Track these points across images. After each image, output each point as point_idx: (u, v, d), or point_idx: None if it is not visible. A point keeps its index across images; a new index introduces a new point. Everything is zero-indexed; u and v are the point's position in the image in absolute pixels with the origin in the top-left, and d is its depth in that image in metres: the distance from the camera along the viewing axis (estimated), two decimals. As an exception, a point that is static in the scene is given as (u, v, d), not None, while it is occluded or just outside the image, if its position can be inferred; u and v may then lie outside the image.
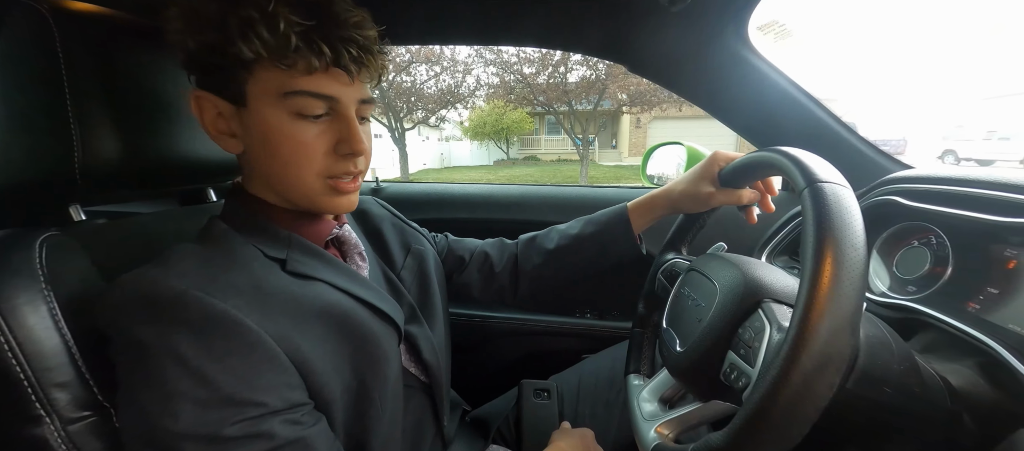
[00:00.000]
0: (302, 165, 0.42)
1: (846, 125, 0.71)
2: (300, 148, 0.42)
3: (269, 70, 0.39)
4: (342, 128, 0.43)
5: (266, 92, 0.40)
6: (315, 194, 0.44)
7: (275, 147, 0.41)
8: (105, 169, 0.46)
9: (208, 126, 0.43)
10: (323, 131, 0.42)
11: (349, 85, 0.42)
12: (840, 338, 0.30)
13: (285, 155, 0.42)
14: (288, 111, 0.41)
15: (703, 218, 0.63)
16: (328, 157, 0.43)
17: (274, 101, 0.40)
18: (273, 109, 0.40)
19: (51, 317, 0.36)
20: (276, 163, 0.42)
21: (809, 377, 0.29)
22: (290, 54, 0.38)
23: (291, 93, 0.40)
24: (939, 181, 0.52)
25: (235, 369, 0.35)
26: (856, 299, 0.30)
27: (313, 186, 0.44)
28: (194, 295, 0.35)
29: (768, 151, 0.44)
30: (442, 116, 11.40)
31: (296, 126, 0.41)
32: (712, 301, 0.45)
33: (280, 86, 0.40)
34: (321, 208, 0.46)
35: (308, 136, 0.42)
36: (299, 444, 0.37)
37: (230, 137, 0.43)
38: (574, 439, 0.60)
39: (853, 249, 0.31)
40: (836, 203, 0.33)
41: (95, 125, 0.44)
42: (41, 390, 0.34)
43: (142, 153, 0.50)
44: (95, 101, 0.44)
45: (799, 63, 25.90)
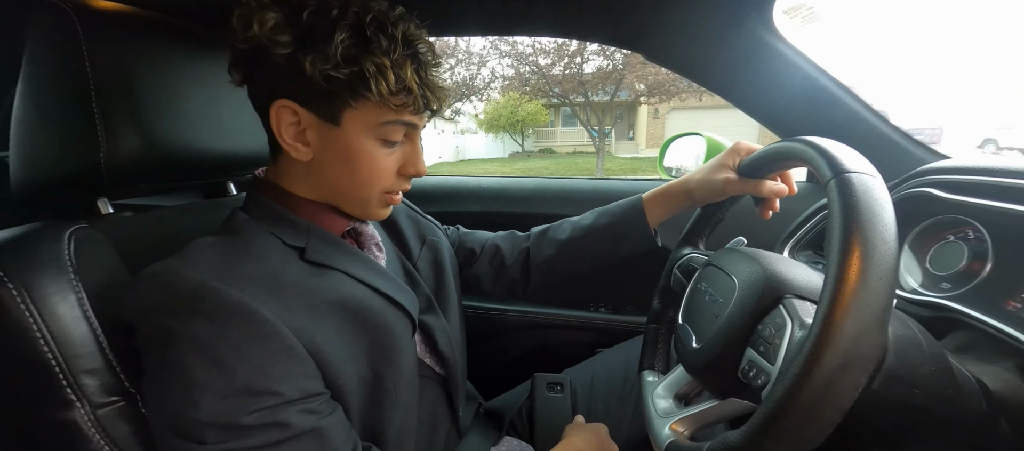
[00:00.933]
0: (375, 183, 0.46)
1: (878, 113, 0.67)
2: (378, 170, 0.45)
3: (377, 105, 0.42)
4: (410, 152, 0.48)
5: (364, 120, 0.43)
6: (372, 206, 0.48)
7: (356, 166, 0.45)
8: (129, 163, 0.48)
9: (282, 133, 0.43)
10: (397, 155, 0.47)
11: (426, 117, 0.48)
12: (867, 337, 0.28)
13: (364, 174, 0.45)
14: (378, 137, 0.44)
15: (722, 212, 0.61)
16: (393, 176, 0.47)
17: (369, 128, 0.43)
18: (365, 134, 0.44)
19: (79, 306, 0.37)
20: (352, 179, 0.45)
21: (832, 377, 0.28)
22: (405, 98, 0.42)
23: (387, 122, 0.44)
24: (978, 172, 0.49)
25: (252, 358, 0.36)
26: (885, 296, 0.28)
27: (374, 199, 0.48)
28: (212, 286, 0.36)
29: (793, 140, 0.42)
30: (457, 109, 11.41)
31: (380, 151, 0.45)
32: (730, 296, 0.44)
33: (379, 117, 0.43)
34: (370, 217, 0.50)
35: (388, 160, 0.46)
36: (314, 434, 0.38)
37: (303, 146, 0.44)
38: (588, 434, 0.60)
39: (883, 243, 0.29)
40: (865, 194, 0.31)
41: (119, 121, 0.46)
42: (71, 376, 0.36)
43: (165, 148, 0.52)
44: (119, 98, 0.46)
45: (827, 48, 24.78)
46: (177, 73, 0.54)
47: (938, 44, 36.05)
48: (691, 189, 0.61)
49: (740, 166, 0.55)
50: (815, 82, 0.65)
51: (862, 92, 0.67)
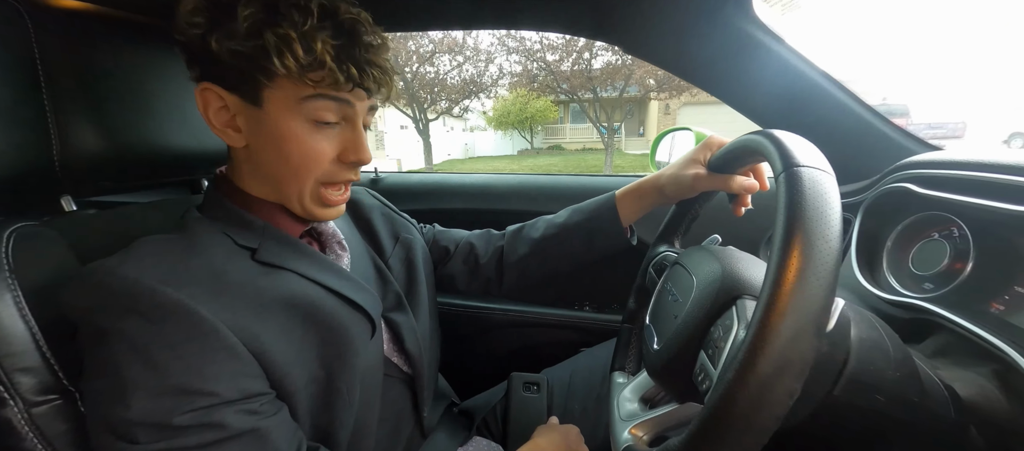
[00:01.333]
0: (310, 170, 0.44)
1: (865, 105, 0.64)
2: (311, 154, 0.43)
3: (295, 81, 0.40)
4: (350, 137, 0.45)
5: (285, 98, 0.41)
6: (307, 200, 0.45)
7: (287, 151, 0.42)
8: (87, 161, 0.48)
9: (212, 119, 0.43)
10: (332, 139, 0.44)
11: (365, 98, 0.44)
12: (802, 341, 0.26)
13: (296, 160, 0.43)
14: (305, 117, 0.42)
15: (695, 208, 0.60)
16: (333, 164, 0.45)
17: (293, 106, 0.41)
18: (290, 114, 0.41)
19: (15, 305, 0.37)
20: (284, 165, 0.43)
21: (765, 383, 0.26)
22: (318, 72, 0.40)
23: (311, 98, 0.41)
24: (960, 166, 0.46)
25: (186, 358, 0.35)
26: (823, 298, 0.27)
27: (305, 190, 0.45)
28: (147, 285, 0.35)
29: (753, 134, 0.40)
30: (466, 106, 11.41)
31: (311, 133, 0.42)
32: (689, 296, 0.42)
33: (299, 93, 0.41)
34: (307, 215, 0.47)
35: (319, 143, 0.43)
36: (253, 435, 0.37)
37: (233, 131, 0.43)
38: (554, 436, 0.59)
39: (824, 241, 0.27)
40: (812, 189, 0.30)
41: (72, 118, 0.46)
42: (4, 374, 0.36)
43: (128, 145, 0.52)
44: (71, 94, 0.46)
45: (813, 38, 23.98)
46: (142, 70, 0.54)
47: (966, 36, 34.65)
48: (662, 185, 0.59)
49: (710, 161, 0.53)
50: (798, 73, 0.63)
51: (852, 86, 0.64)
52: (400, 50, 9.62)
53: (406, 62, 9.87)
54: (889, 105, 10.88)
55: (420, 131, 11.11)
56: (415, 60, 9.96)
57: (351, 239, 0.56)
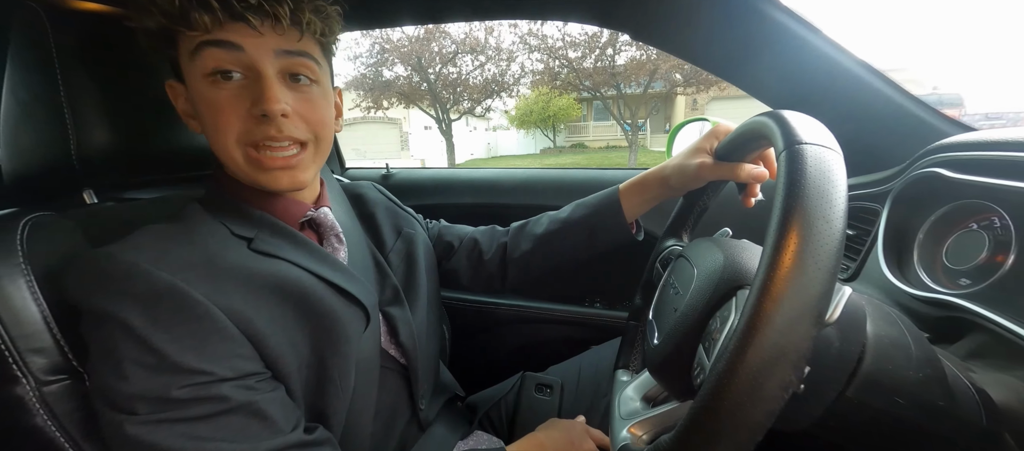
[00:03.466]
0: (221, 130, 0.41)
1: (899, 88, 0.59)
2: (217, 111, 0.41)
3: (183, 37, 0.40)
4: (255, 87, 0.41)
5: (185, 60, 0.41)
6: (240, 166, 0.43)
7: (201, 114, 0.42)
8: (102, 156, 0.50)
9: (180, 112, 0.46)
10: (238, 93, 0.41)
11: (258, 37, 0.40)
12: (798, 329, 0.24)
13: (208, 121, 0.42)
14: (202, 75, 0.40)
15: (704, 200, 0.57)
16: (245, 121, 0.41)
17: (190, 67, 0.41)
18: (193, 77, 0.41)
19: (28, 289, 0.39)
20: (208, 132, 0.43)
21: (757, 374, 0.24)
22: (179, 16, 0.38)
23: (195, 49, 0.40)
24: (997, 146, 0.41)
25: (182, 338, 0.36)
26: (823, 283, 0.24)
27: (235, 156, 0.42)
28: (143, 268, 0.36)
29: (757, 116, 0.38)
30: (488, 106, 11.46)
31: (211, 89, 0.40)
32: (689, 288, 0.40)
33: (188, 48, 0.40)
34: (255, 184, 0.44)
35: (221, 97, 0.40)
36: (251, 407, 0.38)
37: (192, 119, 0.45)
38: (555, 433, 0.57)
39: (825, 222, 0.25)
40: (815, 167, 0.27)
41: (88, 115, 0.48)
42: (17, 354, 0.38)
43: (139, 141, 0.54)
44: (87, 93, 0.48)
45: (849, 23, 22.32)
46: (154, 70, 0.56)
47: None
48: (667, 176, 0.57)
49: (716, 150, 0.50)
50: (821, 55, 0.58)
51: (897, 75, 0.59)
52: (423, 52, 9.77)
53: (429, 63, 10.01)
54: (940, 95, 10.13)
55: (443, 131, 11.24)
56: (438, 61, 10.09)
57: (352, 232, 0.57)
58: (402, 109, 11.77)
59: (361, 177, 1.15)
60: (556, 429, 0.58)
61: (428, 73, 10.08)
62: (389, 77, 10.25)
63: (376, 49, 9.82)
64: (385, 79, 10.23)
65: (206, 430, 0.36)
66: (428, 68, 10.03)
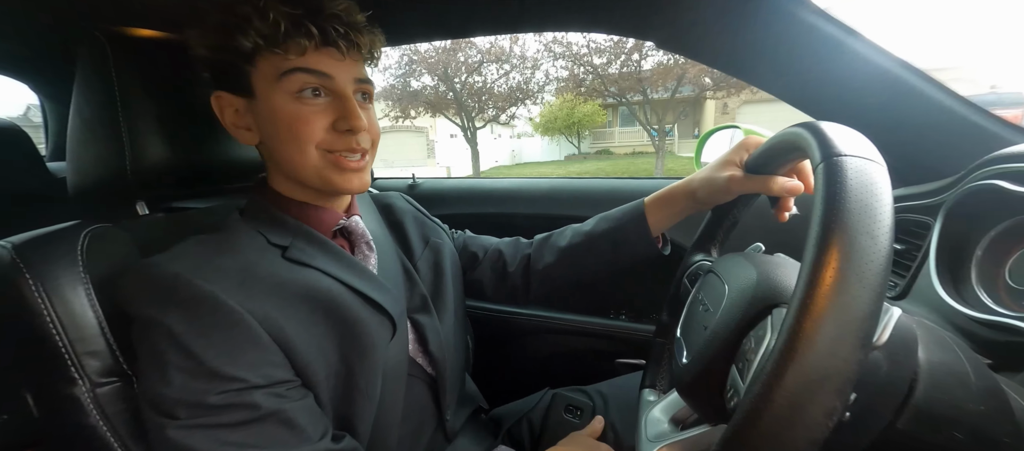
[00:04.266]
0: (303, 140, 0.45)
1: (950, 91, 0.55)
2: (300, 124, 0.45)
3: (267, 58, 0.44)
4: (341, 106, 0.46)
5: (267, 78, 0.44)
6: (319, 168, 0.46)
7: (280, 127, 0.45)
8: (154, 170, 0.54)
9: (227, 124, 0.48)
10: (322, 110, 0.45)
11: (342, 61, 0.45)
12: (841, 351, 0.23)
13: (288, 133, 0.45)
14: (288, 92, 0.44)
15: (733, 214, 0.54)
16: (328, 133, 0.46)
17: (275, 84, 0.44)
18: (275, 93, 0.44)
19: (86, 296, 0.43)
20: (281, 143, 0.46)
21: (797, 399, 0.23)
22: (282, 39, 0.42)
23: (287, 72, 0.43)
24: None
25: (218, 345, 0.38)
26: (868, 302, 0.23)
27: (316, 160, 0.46)
28: (185, 278, 0.39)
29: (792, 126, 0.36)
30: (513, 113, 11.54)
31: (297, 105, 0.44)
32: (720, 306, 0.38)
33: (277, 68, 0.44)
34: (329, 185, 0.47)
35: (308, 113, 0.45)
36: (280, 415, 0.40)
37: (246, 130, 0.48)
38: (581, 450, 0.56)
39: (869, 237, 0.24)
40: (857, 180, 0.26)
41: (142, 132, 0.52)
42: (75, 356, 0.41)
43: (189, 156, 0.57)
44: (143, 112, 0.52)
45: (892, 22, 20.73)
46: (193, 88, 0.60)
47: (1101, 6, 28.46)
48: (694, 189, 0.55)
49: (747, 162, 0.48)
50: (859, 58, 0.55)
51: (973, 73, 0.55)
52: (450, 62, 9.97)
53: (455, 73, 10.20)
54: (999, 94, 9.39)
55: (468, 139, 11.40)
56: (463, 70, 10.26)
57: (382, 241, 0.58)
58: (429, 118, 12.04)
59: (388, 187, 1.18)
60: (580, 447, 0.57)
61: (454, 83, 10.27)
62: (417, 87, 10.51)
63: (404, 61, 10.11)
64: (413, 89, 10.50)
65: (237, 437, 0.38)
66: (454, 78, 10.22)
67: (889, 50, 0.56)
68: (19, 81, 1.12)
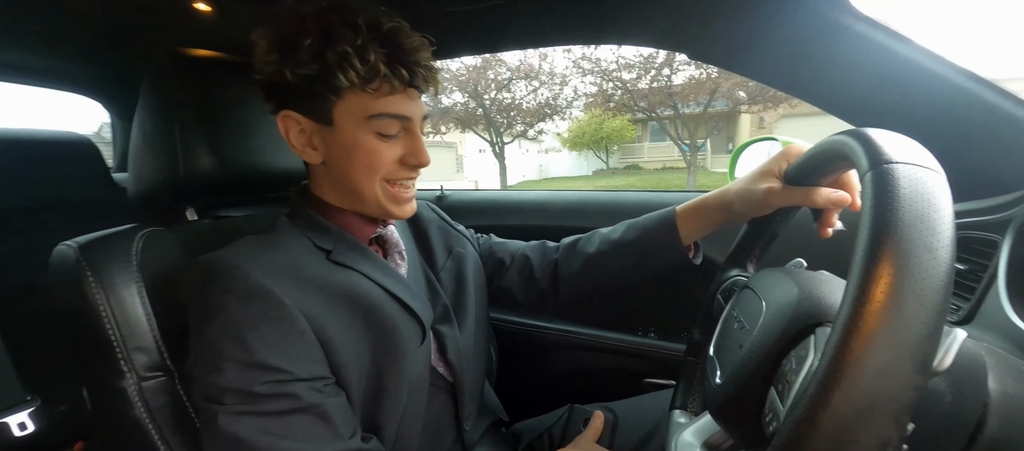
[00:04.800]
0: (374, 169, 0.48)
1: (1014, 97, 0.51)
2: (376, 160, 0.48)
3: (357, 95, 0.45)
4: (410, 143, 0.49)
5: (353, 114, 0.46)
6: (380, 198, 0.50)
7: (356, 157, 0.48)
8: (203, 179, 0.58)
9: (292, 141, 0.49)
10: (395, 146, 0.49)
11: (415, 102, 0.49)
12: (896, 376, 0.21)
13: (364, 166, 0.48)
14: (371, 131, 0.47)
15: (772, 228, 0.52)
16: (395, 165, 0.49)
17: (360, 123, 0.46)
18: (359, 129, 0.46)
19: (139, 294, 0.46)
20: (354, 172, 0.48)
21: (846, 425, 0.21)
22: (378, 81, 0.45)
23: (375, 116, 0.46)
24: None
25: (267, 336, 0.40)
26: (927, 322, 0.21)
27: (378, 191, 0.49)
28: (243, 269, 0.42)
29: (837, 134, 0.34)
30: (540, 129, 11.63)
31: (377, 144, 0.47)
32: (757, 323, 0.36)
33: (366, 110, 0.46)
34: (383, 213, 0.51)
35: (383, 148, 0.48)
36: (318, 409, 0.41)
37: (312, 150, 0.49)
38: None
39: (927, 251, 0.22)
40: (910, 189, 0.24)
41: (195, 145, 0.55)
42: (126, 351, 0.44)
43: (234, 166, 0.61)
44: (196, 127, 0.56)
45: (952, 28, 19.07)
46: (247, 105, 0.64)
47: None
48: (729, 201, 0.53)
49: (786, 172, 0.46)
50: (910, 65, 0.52)
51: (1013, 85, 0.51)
52: (479, 79, 10.21)
53: (485, 90, 10.42)
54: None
55: (496, 154, 11.55)
56: (493, 88, 10.47)
57: (409, 250, 0.59)
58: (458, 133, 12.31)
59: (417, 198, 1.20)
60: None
61: (483, 99, 10.48)
62: (447, 104, 10.81)
63: (436, 78, 10.45)
64: (443, 106, 10.80)
65: (278, 427, 0.40)
66: (483, 94, 10.44)
67: (945, 56, 0.52)
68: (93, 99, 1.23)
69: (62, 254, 0.46)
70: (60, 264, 0.45)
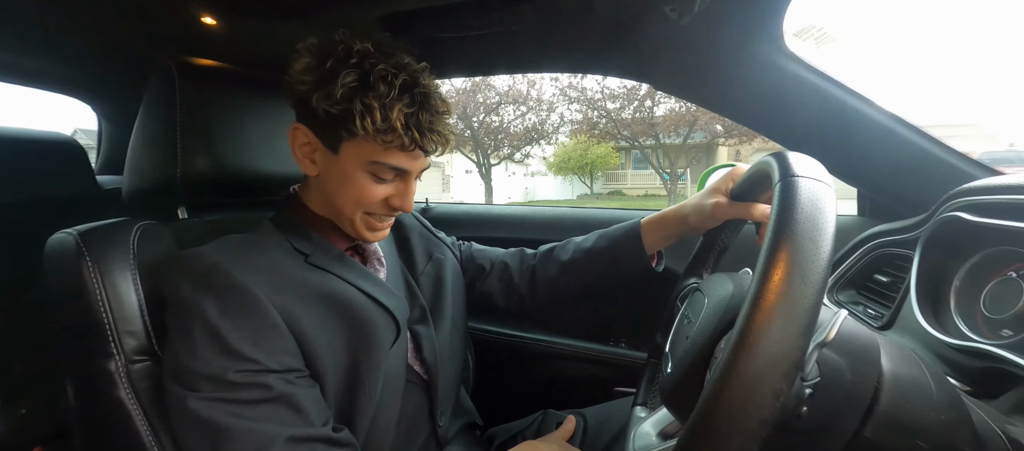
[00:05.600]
0: (360, 206, 0.52)
1: (923, 133, 0.59)
2: (364, 196, 0.51)
3: (369, 141, 0.47)
4: (401, 189, 0.52)
5: (358, 155, 0.49)
6: (355, 223, 0.53)
7: (347, 190, 0.51)
8: (199, 180, 0.61)
9: (297, 151, 0.52)
10: (386, 188, 0.52)
11: (419, 160, 0.51)
12: (786, 338, 0.26)
13: (351, 198, 0.51)
14: (368, 172, 0.50)
15: (722, 239, 0.58)
16: (378, 204, 0.52)
17: (362, 163, 0.49)
18: (358, 167, 0.49)
19: (132, 281, 0.48)
20: (342, 199, 0.52)
21: (750, 382, 0.26)
22: (391, 134, 0.46)
23: (377, 163, 0.49)
24: (1017, 190, 0.41)
25: (243, 329, 0.43)
26: (810, 298, 0.26)
27: (354, 218, 0.53)
28: (223, 268, 0.44)
29: (761, 158, 0.40)
30: (527, 152, 11.86)
31: (369, 184, 0.50)
32: (699, 317, 0.41)
33: (370, 156, 0.48)
34: (356, 235, 0.55)
35: (375, 192, 0.51)
36: (289, 399, 0.44)
37: (311, 163, 0.52)
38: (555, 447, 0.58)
39: (812, 243, 0.27)
40: (806, 197, 0.30)
41: (194, 148, 0.59)
42: (117, 334, 0.46)
43: (230, 170, 0.64)
44: (196, 131, 0.59)
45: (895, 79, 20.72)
46: (245, 112, 0.67)
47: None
48: (685, 214, 0.60)
49: (732, 190, 0.53)
50: (838, 102, 0.60)
51: (996, 129, 0.60)
52: (469, 102, 10.42)
53: (474, 112, 10.62)
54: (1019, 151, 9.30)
55: (483, 176, 11.68)
56: (482, 110, 10.69)
57: (389, 255, 0.63)
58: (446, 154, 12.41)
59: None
60: (553, 445, 0.59)
61: (472, 121, 10.67)
62: (436, 124, 10.96)
63: (426, 99, 10.61)
64: (432, 126, 10.94)
65: (250, 412, 0.42)
66: (472, 116, 10.64)
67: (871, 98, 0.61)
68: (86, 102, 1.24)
69: (61, 240, 0.48)
70: (58, 250, 0.48)
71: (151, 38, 0.73)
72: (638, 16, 0.60)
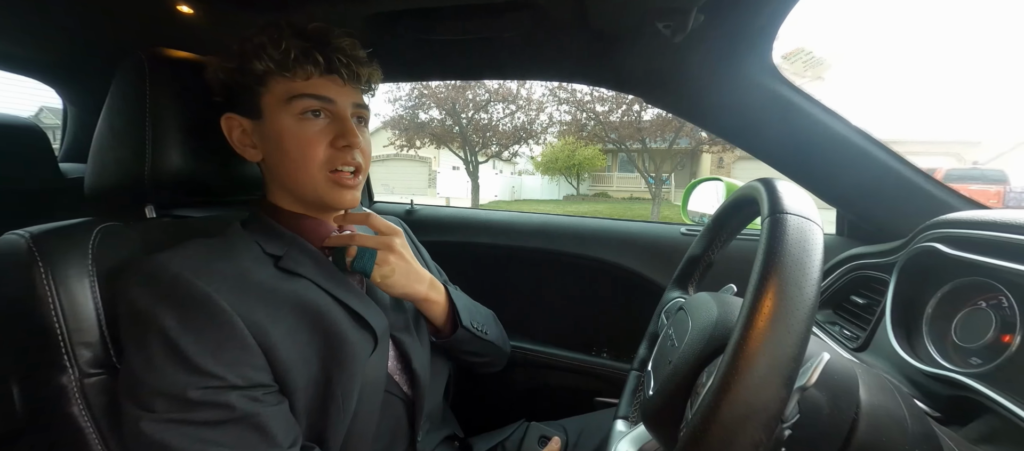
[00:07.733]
0: (307, 158, 0.50)
1: (903, 160, 0.61)
2: (305, 143, 0.50)
3: (277, 82, 0.49)
4: (339, 125, 0.51)
5: (276, 100, 0.50)
6: (319, 185, 0.51)
7: (286, 146, 0.50)
8: (169, 178, 0.57)
9: (235, 142, 0.53)
10: (323, 129, 0.51)
11: (342, 88, 0.51)
12: (767, 389, 0.25)
13: (293, 152, 0.50)
14: (293, 114, 0.49)
15: (709, 255, 0.58)
16: (328, 150, 0.51)
17: (282, 107, 0.50)
18: (282, 114, 0.50)
19: (91, 289, 0.45)
20: (287, 160, 0.50)
21: (729, 431, 0.25)
22: (292, 65, 0.48)
23: (295, 96, 0.49)
24: (996, 226, 0.42)
25: (205, 343, 0.40)
26: (794, 346, 0.26)
27: (317, 178, 0.51)
28: (184, 278, 0.42)
29: (753, 181, 0.40)
30: (515, 151, 11.84)
31: (301, 125, 0.50)
32: (683, 341, 0.41)
33: (286, 92, 0.49)
34: (326, 200, 0.52)
35: (311, 132, 0.50)
36: (253, 419, 0.41)
37: (251, 148, 0.52)
38: None
39: (798, 289, 0.27)
40: (795, 237, 0.29)
41: (164, 144, 0.56)
42: (70, 346, 0.43)
43: (198, 167, 0.61)
44: (167, 126, 0.56)
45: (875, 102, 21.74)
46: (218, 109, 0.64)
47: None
48: None
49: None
50: (822, 125, 0.61)
51: (962, 149, 0.61)
52: (458, 98, 10.34)
53: (463, 109, 10.54)
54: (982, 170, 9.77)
55: (470, 172, 11.61)
56: (471, 107, 10.62)
57: None
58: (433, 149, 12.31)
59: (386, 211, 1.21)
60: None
61: (461, 118, 10.59)
62: (424, 119, 10.83)
63: (415, 93, 10.48)
64: (420, 121, 10.81)
65: (210, 435, 0.39)
66: (461, 113, 10.56)
67: (851, 120, 0.62)
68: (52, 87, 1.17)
69: (11, 242, 0.45)
70: (9, 252, 0.44)
71: (123, 25, 0.69)
72: (630, 31, 0.60)
